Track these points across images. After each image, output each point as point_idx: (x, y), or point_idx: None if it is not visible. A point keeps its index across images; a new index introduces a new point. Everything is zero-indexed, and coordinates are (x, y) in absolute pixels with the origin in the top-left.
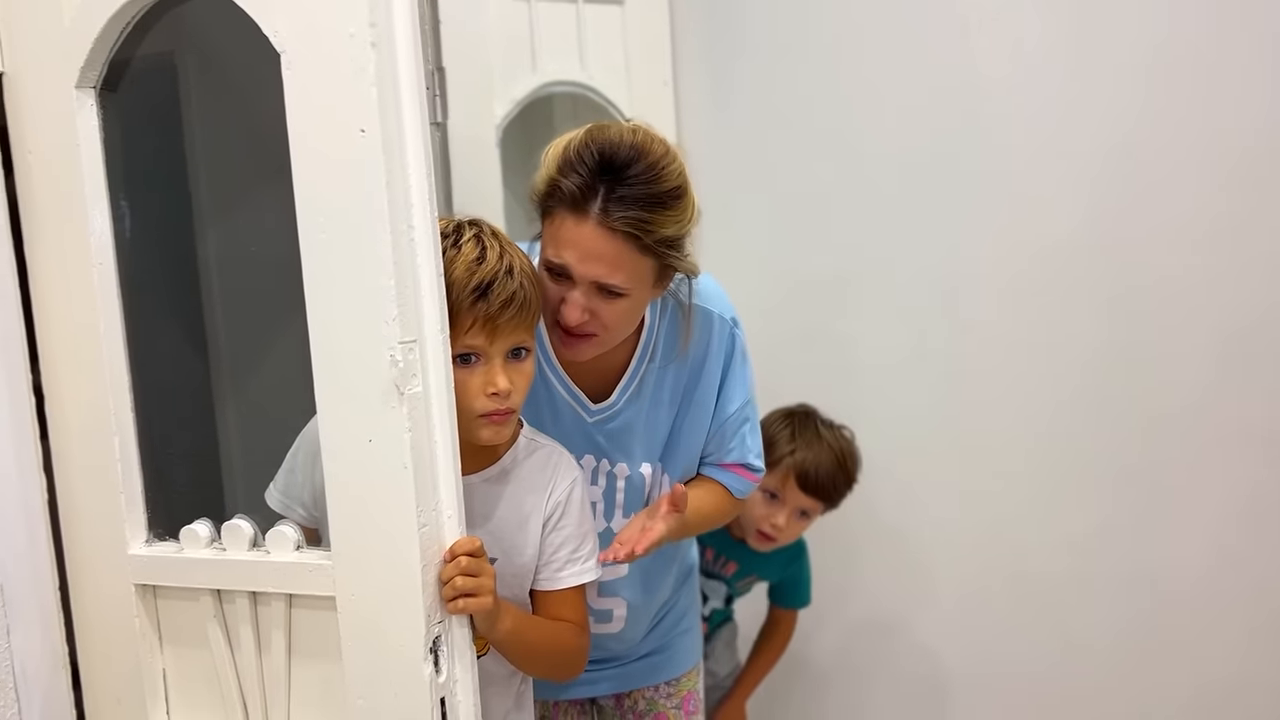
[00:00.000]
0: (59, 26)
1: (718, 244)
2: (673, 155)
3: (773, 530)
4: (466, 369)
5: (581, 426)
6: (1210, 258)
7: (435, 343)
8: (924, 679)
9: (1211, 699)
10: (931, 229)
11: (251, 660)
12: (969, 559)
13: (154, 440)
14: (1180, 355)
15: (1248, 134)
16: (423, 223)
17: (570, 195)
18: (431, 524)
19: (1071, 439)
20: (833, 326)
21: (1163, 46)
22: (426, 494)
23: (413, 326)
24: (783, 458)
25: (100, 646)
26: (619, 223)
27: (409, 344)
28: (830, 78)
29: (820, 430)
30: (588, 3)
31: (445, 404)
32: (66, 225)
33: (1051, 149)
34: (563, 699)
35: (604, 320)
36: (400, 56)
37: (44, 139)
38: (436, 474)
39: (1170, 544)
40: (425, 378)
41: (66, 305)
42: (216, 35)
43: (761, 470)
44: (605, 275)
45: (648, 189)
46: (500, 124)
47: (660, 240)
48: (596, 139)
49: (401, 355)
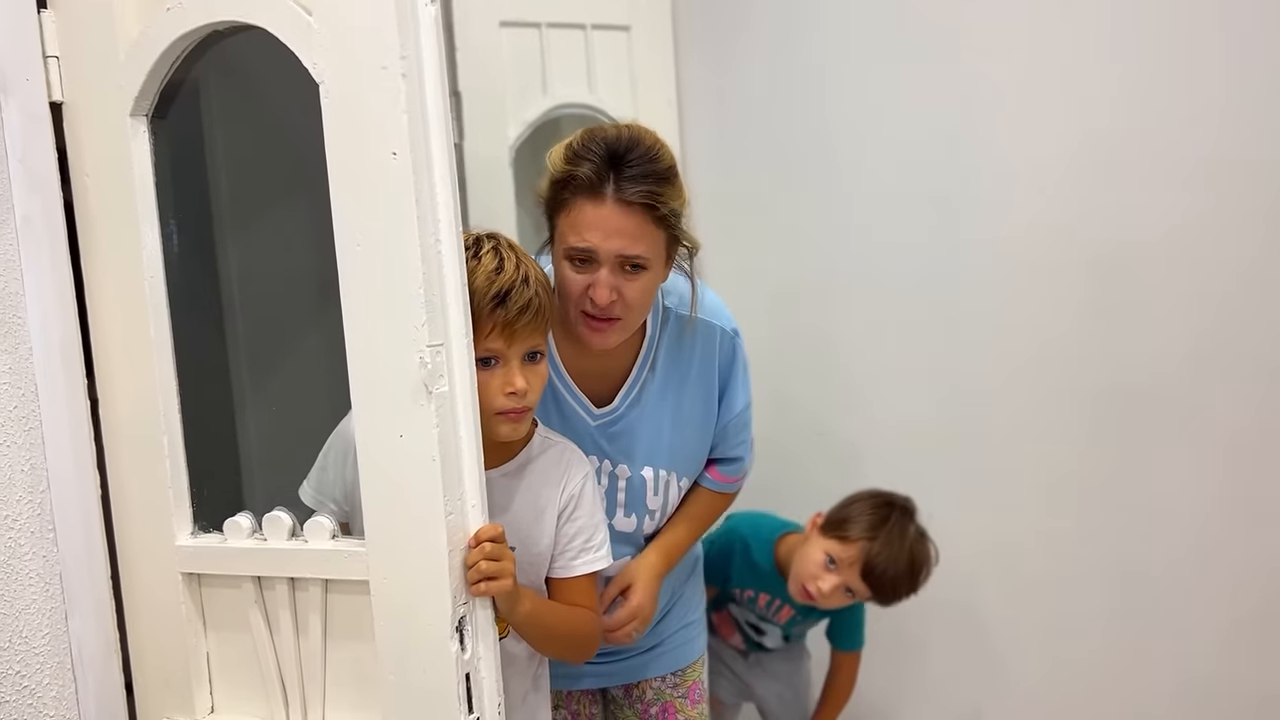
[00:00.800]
0: (115, 61)
1: (721, 256)
2: (662, 141)
3: (815, 592)
4: (487, 371)
5: (586, 430)
6: (1188, 262)
7: (460, 347)
8: (917, 672)
9: (1195, 694)
10: (924, 240)
11: (290, 642)
12: (964, 559)
13: (197, 439)
14: (1161, 356)
15: (1217, 138)
16: (449, 237)
17: (587, 180)
18: (457, 512)
19: (1060, 440)
20: (830, 334)
21: (1141, 52)
22: (453, 485)
23: (439, 332)
24: (860, 539)
25: (149, 631)
26: (635, 196)
27: (436, 348)
28: (827, 95)
29: (908, 532)
30: (595, 29)
31: (469, 403)
32: (120, 241)
33: (1039, 156)
34: (575, 689)
35: (627, 299)
36: (428, 86)
37: (100, 163)
38: (461, 466)
39: (1155, 541)
40: (451, 378)
41: (119, 315)
42: (257, 65)
43: (742, 460)
44: (628, 247)
45: (652, 166)
46: (513, 145)
47: (671, 212)
48: (596, 135)
49: (430, 358)
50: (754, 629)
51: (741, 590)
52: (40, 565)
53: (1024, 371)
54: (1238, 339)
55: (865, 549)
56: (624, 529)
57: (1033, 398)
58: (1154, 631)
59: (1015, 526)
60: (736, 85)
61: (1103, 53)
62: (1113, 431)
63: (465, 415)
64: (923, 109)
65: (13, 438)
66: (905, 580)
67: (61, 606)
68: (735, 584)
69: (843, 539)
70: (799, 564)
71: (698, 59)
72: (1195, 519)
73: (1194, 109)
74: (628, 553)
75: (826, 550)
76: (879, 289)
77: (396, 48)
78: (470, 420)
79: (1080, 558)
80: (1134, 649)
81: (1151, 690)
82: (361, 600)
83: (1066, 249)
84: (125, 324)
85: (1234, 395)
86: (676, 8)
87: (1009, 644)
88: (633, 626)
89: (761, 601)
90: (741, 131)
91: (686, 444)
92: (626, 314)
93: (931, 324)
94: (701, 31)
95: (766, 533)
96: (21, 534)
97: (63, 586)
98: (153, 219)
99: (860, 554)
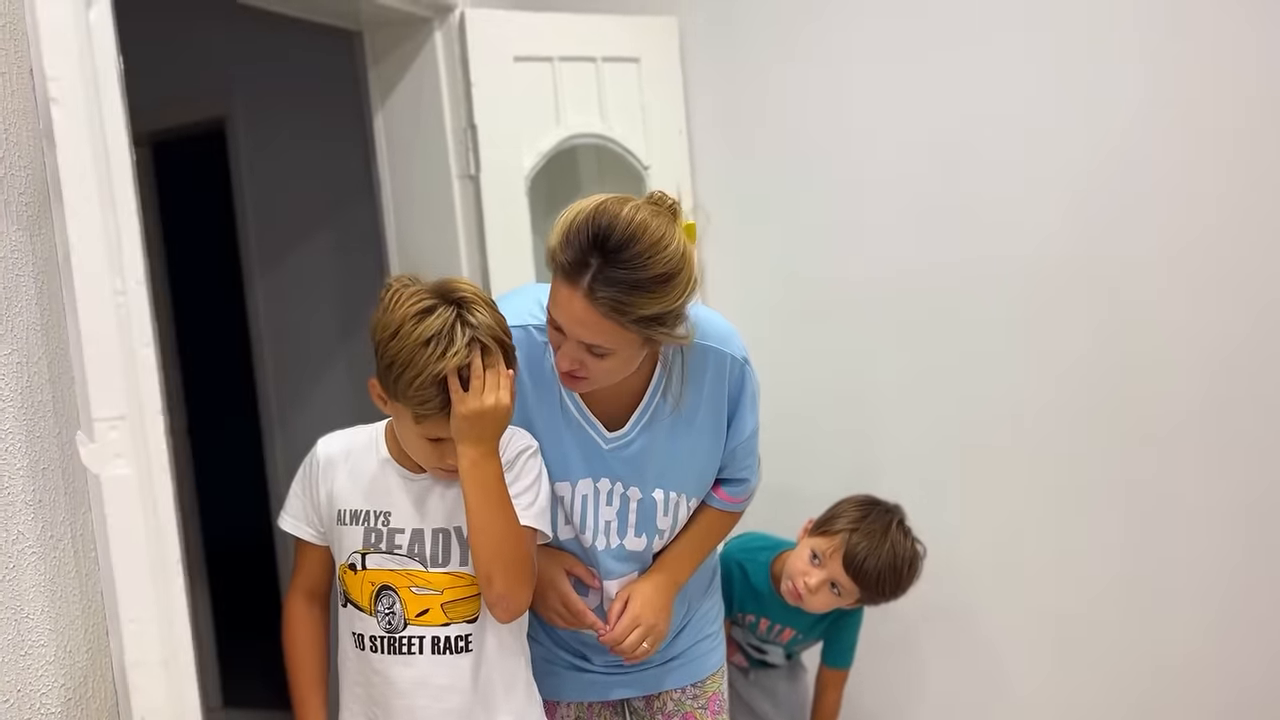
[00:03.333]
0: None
1: (731, 276)
2: (667, 240)
3: (803, 589)
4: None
5: (599, 453)
6: (1206, 276)
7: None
8: (922, 686)
9: (1222, 708)
10: (934, 256)
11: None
12: (973, 569)
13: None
14: (1173, 370)
15: (1238, 153)
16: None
17: (563, 269)
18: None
19: (1071, 453)
20: (839, 351)
21: (1151, 72)
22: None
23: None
24: (840, 531)
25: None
26: (599, 301)
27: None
28: (834, 116)
29: (891, 529)
30: (606, 61)
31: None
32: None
33: (1048, 171)
34: (596, 701)
35: (591, 370)
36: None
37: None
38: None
39: (1166, 554)
40: None
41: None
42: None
43: (748, 481)
44: (590, 337)
45: (632, 274)
46: (528, 175)
47: (639, 319)
48: (595, 219)
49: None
50: (755, 649)
51: (743, 615)
52: (81, 583)
53: (1038, 384)
54: (1257, 353)
55: (846, 539)
56: (634, 548)
57: (1046, 411)
58: (1164, 646)
59: (1024, 539)
60: (745, 112)
61: (1126, 66)
62: (1124, 445)
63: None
64: (931, 128)
65: (54, 463)
66: (889, 573)
67: (103, 623)
68: (737, 609)
69: (826, 533)
70: (788, 565)
71: (706, 87)
72: (1208, 532)
73: (1215, 123)
74: (634, 570)
75: (811, 547)
76: (889, 306)
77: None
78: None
79: (1090, 571)
80: (1143, 663)
81: (1161, 702)
82: None
83: (1083, 262)
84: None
85: (1251, 409)
86: (684, 39)
87: (1014, 655)
88: (638, 636)
89: (763, 626)
90: (750, 156)
91: (696, 467)
92: (593, 378)
93: (944, 338)
94: (709, 61)
95: (763, 555)
96: (65, 553)
97: (104, 604)
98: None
99: (841, 544)
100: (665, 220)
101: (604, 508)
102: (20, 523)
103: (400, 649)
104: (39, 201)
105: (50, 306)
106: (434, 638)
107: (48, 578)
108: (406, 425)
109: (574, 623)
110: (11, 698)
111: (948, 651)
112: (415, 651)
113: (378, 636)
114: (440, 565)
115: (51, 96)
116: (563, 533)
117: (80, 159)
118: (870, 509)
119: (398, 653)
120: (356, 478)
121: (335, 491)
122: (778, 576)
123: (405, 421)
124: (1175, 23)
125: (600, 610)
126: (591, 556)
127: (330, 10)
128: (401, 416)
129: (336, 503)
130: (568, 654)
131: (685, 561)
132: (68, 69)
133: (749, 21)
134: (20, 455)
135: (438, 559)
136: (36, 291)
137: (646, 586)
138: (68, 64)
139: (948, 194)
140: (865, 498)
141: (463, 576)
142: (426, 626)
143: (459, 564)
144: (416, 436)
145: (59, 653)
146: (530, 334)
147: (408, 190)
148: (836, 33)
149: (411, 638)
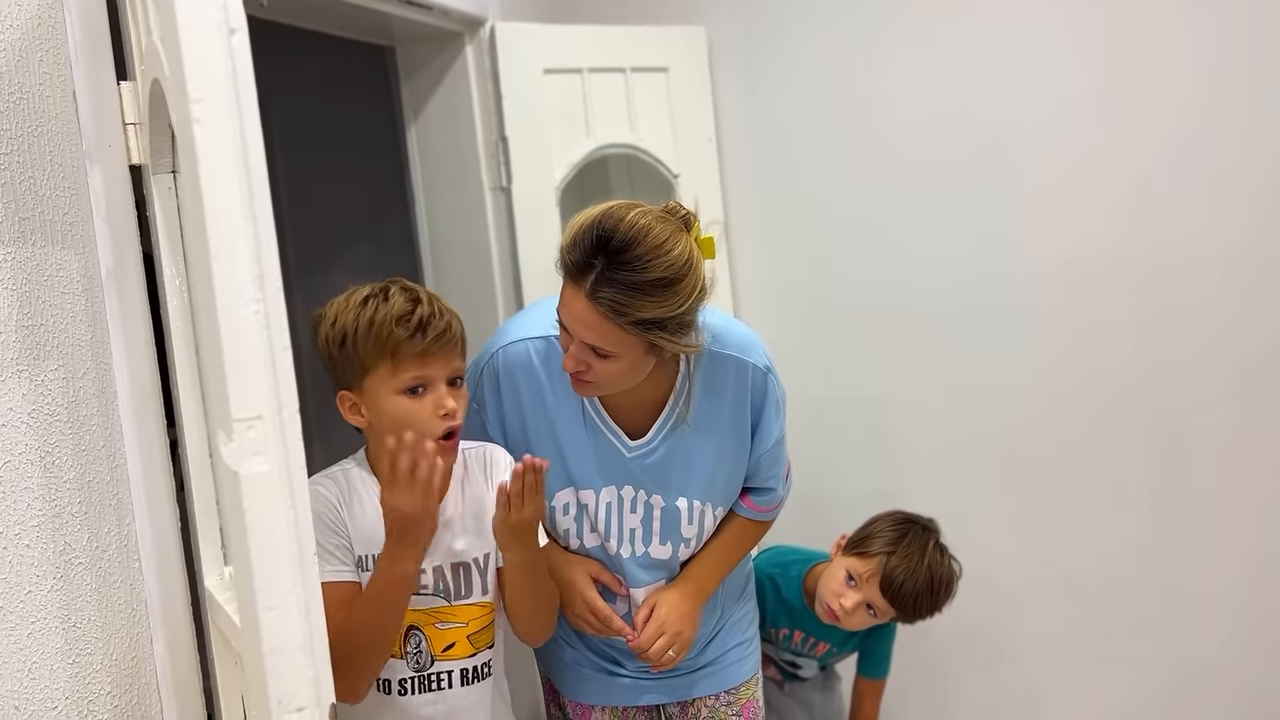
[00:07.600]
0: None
1: (761, 283)
2: (670, 245)
3: (839, 610)
4: (417, 399)
5: (622, 461)
6: (1236, 283)
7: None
8: (955, 696)
9: (1260, 714)
10: (965, 263)
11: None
12: (1008, 578)
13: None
14: (1211, 376)
15: (1263, 157)
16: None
17: (569, 269)
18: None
19: (1108, 458)
20: (869, 357)
21: (1192, 77)
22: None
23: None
24: (878, 554)
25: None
26: (599, 302)
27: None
28: (863, 123)
29: (928, 550)
30: (635, 72)
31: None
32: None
33: (1082, 179)
34: (631, 706)
35: (597, 373)
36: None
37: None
38: None
39: (1205, 566)
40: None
41: (193, 360)
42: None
43: (775, 491)
44: (591, 338)
45: (632, 276)
46: (559, 185)
47: (639, 322)
48: (601, 221)
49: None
50: (789, 664)
51: (777, 630)
52: (127, 593)
53: (1069, 394)
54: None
55: (883, 563)
56: (660, 556)
57: (1078, 420)
58: (1203, 653)
59: (1058, 550)
60: (774, 119)
61: (1158, 73)
62: (1159, 454)
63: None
64: (962, 133)
65: (101, 475)
66: (925, 595)
67: (147, 631)
68: (770, 624)
69: (862, 555)
70: (823, 585)
71: (735, 96)
72: (1248, 538)
73: (1258, 125)
74: (661, 578)
75: (847, 568)
76: (921, 312)
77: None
78: None
79: (1125, 582)
80: (1184, 677)
81: (1200, 710)
82: None
83: (1113, 268)
84: (197, 369)
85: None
86: (713, 48)
87: (1048, 668)
88: (664, 644)
89: (797, 639)
90: (780, 163)
91: (720, 476)
92: (599, 381)
93: (977, 345)
94: (737, 69)
95: (795, 569)
96: (111, 563)
97: (148, 613)
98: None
99: (879, 568)
100: (673, 227)
101: (628, 515)
102: (68, 534)
103: (430, 687)
104: (83, 220)
105: (95, 323)
106: (462, 670)
107: (94, 588)
108: (389, 395)
109: (600, 629)
110: (60, 704)
111: (984, 663)
112: (444, 686)
113: (407, 678)
114: (464, 598)
115: (195, 118)
116: (589, 540)
117: (225, 176)
118: (907, 529)
119: (427, 690)
120: (363, 522)
121: (353, 536)
122: (811, 590)
123: (387, 388)
124: (1219, 23)
125: (628, 619)
126: (618, 564)
127: (364, 27)
128: (382, 388)
129: (356, 548)
130: (600, 658)
131: (713, 571)
132: (212, 91)
133: (777, 30)
134: (69, 468)
135: (461, 592)
136: (83, 309)
137: (673, 594)
138: (213, 86)
139: (982, 200)
140: (901, 515)
141: (485, 605)
142: (454, 660)
143: (480, 594)
144: (406, 401)
145: (105, 660)
146: (552, 344)
147: (441, 203)
148: (867, 38)
149: (440, 673)
